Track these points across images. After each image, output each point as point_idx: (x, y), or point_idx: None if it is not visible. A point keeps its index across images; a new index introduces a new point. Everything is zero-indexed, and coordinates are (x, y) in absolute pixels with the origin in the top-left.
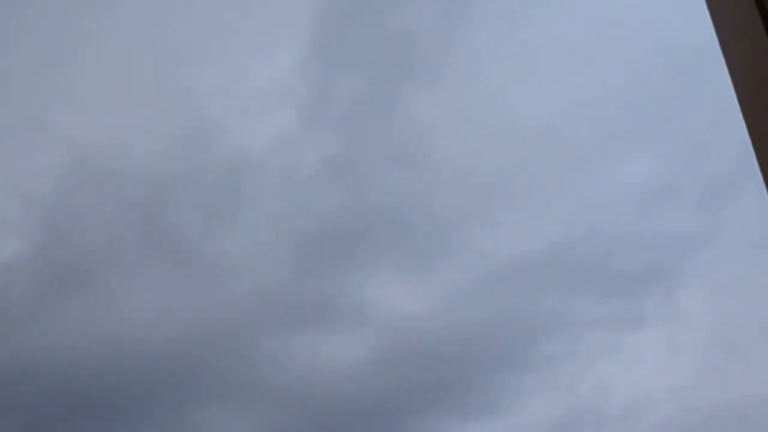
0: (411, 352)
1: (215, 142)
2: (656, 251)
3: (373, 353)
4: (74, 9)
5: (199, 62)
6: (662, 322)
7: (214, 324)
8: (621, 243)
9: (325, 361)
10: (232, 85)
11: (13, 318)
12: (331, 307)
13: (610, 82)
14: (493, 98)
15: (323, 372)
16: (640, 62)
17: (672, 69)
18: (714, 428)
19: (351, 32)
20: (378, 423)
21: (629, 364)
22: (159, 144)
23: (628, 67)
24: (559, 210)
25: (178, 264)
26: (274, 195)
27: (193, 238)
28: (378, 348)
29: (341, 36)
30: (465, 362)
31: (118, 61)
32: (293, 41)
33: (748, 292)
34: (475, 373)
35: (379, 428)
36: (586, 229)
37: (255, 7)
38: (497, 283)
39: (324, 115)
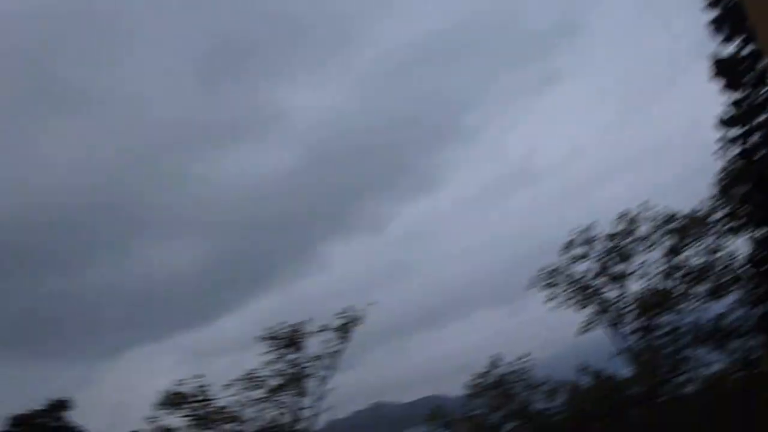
0: (338, 147)
1: None
2: (565, 5)
3: (302, 155)
4: None
5: None
6: (576, 77)
7: (136, 158)
8: (530, 2)
9: (257, 175)
10: None
11: None
12: (250, 120)
13: None
14: None
15: (258, 185)
16: None
17: None
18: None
19: None
20: (320, 218)
21: (550, 122)
22: None
23: None
24: None
25: (81, 108)
26: (167, 18)
27: (86, 79)
28: (307, 149)
29: None
30: (394, 148)
31: None
32: None
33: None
34: (406, 156)
35: (323, 223)
36: None
37: None
38: (408, 66)
39: None
